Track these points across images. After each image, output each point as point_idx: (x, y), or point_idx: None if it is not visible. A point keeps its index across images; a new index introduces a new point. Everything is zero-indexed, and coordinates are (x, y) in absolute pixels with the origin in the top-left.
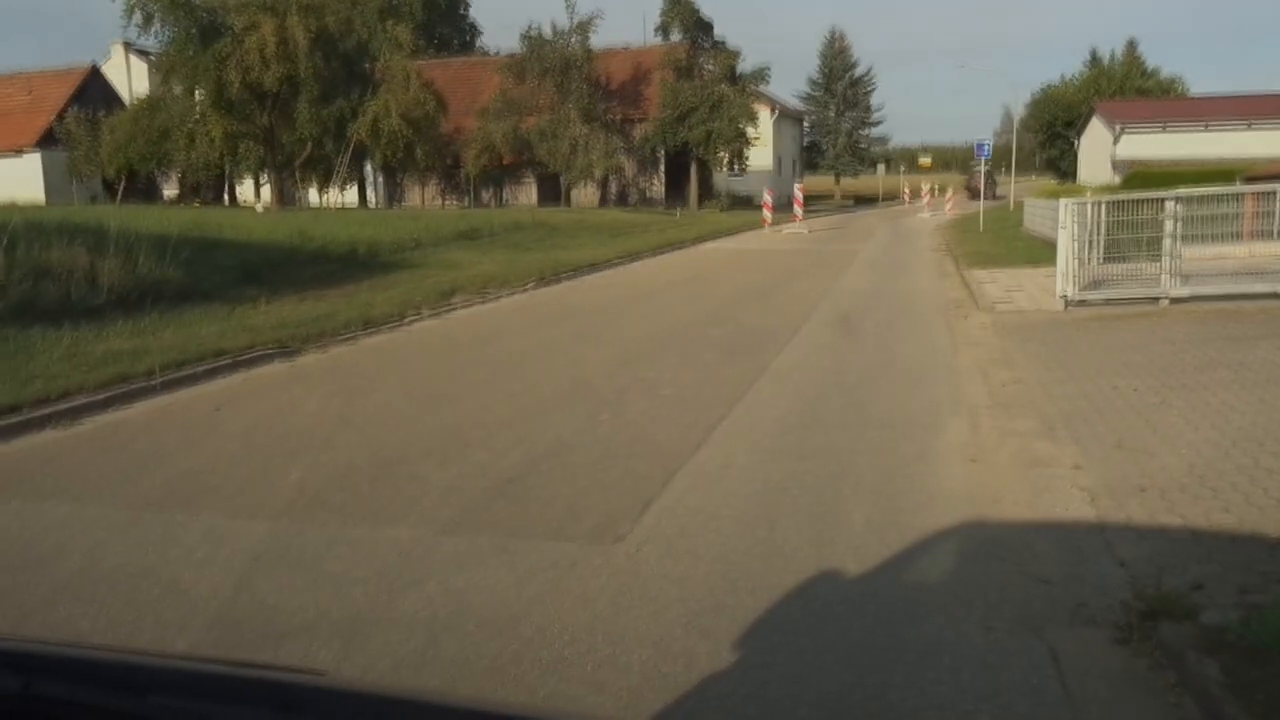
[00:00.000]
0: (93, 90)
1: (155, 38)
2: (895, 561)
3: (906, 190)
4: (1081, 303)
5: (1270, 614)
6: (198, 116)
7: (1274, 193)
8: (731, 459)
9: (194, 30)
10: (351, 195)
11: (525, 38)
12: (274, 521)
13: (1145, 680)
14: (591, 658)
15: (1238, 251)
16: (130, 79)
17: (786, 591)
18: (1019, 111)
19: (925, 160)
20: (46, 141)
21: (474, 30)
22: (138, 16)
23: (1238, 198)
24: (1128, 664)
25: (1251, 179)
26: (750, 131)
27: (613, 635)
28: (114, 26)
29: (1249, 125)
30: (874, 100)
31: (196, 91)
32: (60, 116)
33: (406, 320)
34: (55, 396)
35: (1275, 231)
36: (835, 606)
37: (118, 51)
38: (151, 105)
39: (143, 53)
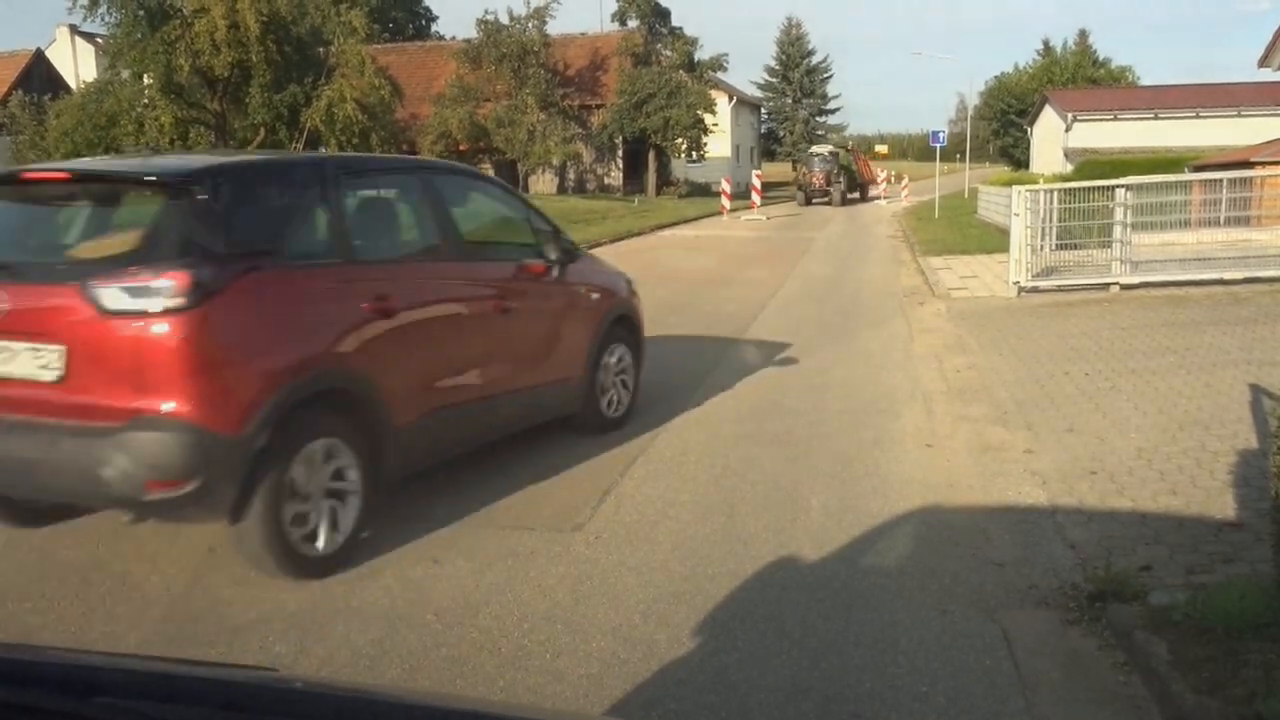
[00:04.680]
0: (37, 75)
1: (102, 21)
2: (852, 547)
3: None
4: (1034, 290)
5: (1216, 594)
6: (146, 102)
7: (1220, 181)
8: (690, 446)
9: (141, 13)
10: None
11: (481, 24)
12: None
13: (1094, 660)
14: (551, 646)
15: (1186, 239)
16: (76, 63)
17: (745, 578)
18: (974, 100)
19: (882, 149)
20: None
21: (429, 15)
22: None
23: (1186, 186)
24: (1078, 644)
25: (1199, 168)
26: (708, 119)
27: (572, 624)
28: (57, 7)
29: (1197, 114)
30: (830, 88)
31: (145, 77)
32: (4, 101)
33: None
34: None
35: (1222, 219)
36: (793, 592)
37: (63, 35)
38: (99, 90)
39: (89, 36)
